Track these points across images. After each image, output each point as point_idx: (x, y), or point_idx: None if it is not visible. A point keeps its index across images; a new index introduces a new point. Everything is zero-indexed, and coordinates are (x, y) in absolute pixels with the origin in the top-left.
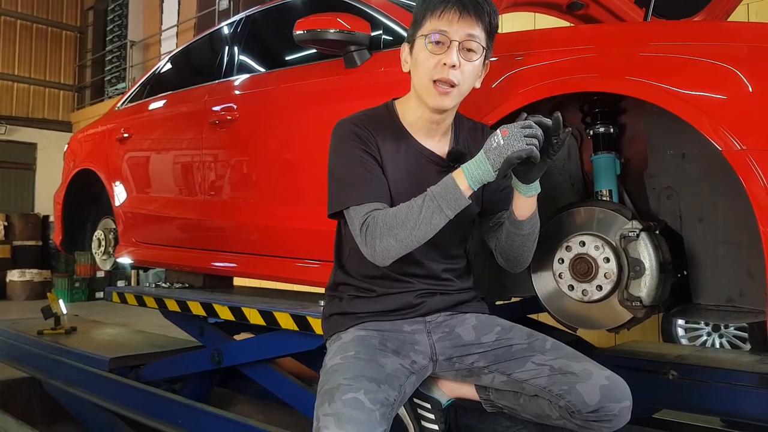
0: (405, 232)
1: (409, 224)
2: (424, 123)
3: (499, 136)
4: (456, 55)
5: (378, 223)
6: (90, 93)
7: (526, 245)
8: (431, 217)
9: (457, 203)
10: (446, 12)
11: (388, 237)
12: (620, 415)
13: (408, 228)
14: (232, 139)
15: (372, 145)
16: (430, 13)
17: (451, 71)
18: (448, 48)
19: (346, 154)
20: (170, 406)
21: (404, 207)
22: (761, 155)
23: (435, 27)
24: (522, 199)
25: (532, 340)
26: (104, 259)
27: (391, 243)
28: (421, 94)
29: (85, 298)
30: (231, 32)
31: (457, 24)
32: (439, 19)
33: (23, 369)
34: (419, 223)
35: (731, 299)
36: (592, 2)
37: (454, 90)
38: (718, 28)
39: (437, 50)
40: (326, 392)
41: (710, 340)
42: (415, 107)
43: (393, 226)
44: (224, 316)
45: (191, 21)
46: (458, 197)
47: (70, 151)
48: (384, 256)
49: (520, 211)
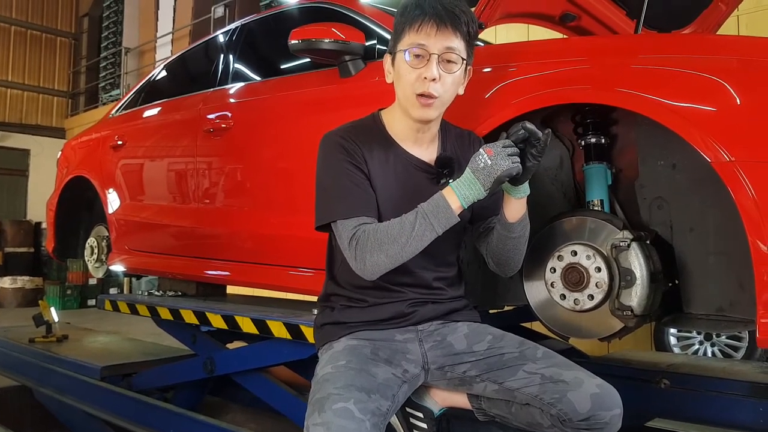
0: (396, 248)
1: (400, 240)
2: (410, 132)
3: (485, 156)
4: (435, 68)
5: (368, 238)
6: (84, 99)
7: (517, 248)
8: (423, 234)
9: (448, 221)
10: (424, 26)
11: (379, 252)
12: (611, 423)
13: (399, 244)
14: (227, 147)
15: (359, 157)
16: (408, 26)
17: (431, 84)
18: (428, 61)
19: (333, 167)
20: (162, 414)
21: (396, 223)
22: (749, 166)
23: (413, 41)
24: (512, 201)
25: (524, 348)
26: (97, 266)
27: (382, 258)
28: (405, 105)
29: (77, 305)
30: (226, 41)
31: (435, 37)
32: (417, 32)
33: (14, 377)
34: (411, 239)
35: (722, 309)
36: (584, 14)
37: (436, 101)
38: (708, 40)
39: (417, 64)
40: (316, 402)
41: (702, 349)
42: (401, 117)
43: (384, 242)
44: (217, 324)
45: (186, 28)
46: (450, 216)
47: (64, 157)
48: (373, 271)
49: (511, 213)
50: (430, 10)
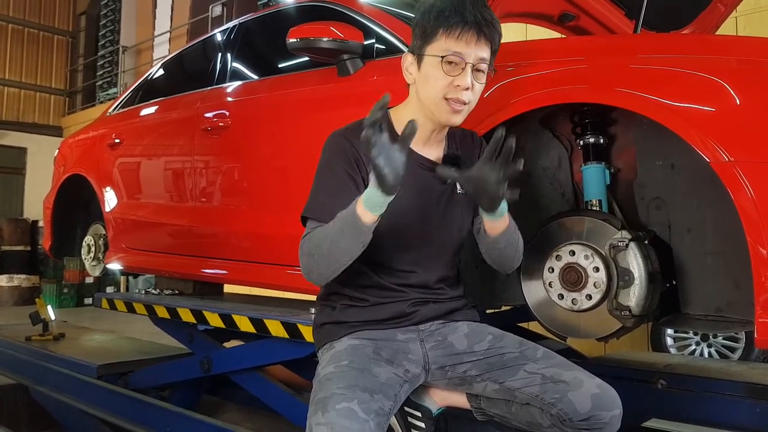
0: (321, 256)
1: (323, 246)
2: (424, 132)
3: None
4: (470, 77)
5: (307, 242)
6: (81, 98)
7: (507, 254)
8: (337, 240)
9: (355, 225)
10: (464, 34)
11: (309, 258)
12: (611, 423)
13: (322, 251)
14: (224, 145)
15: (361, 164)
16: (445, 31)
17: (463, 92)
18: (463, 70)
19: (328, 169)
20: (158, 413)
21: (321, 229)
22: (748, 167)
23: (450, 47)
24: (488, 222)
25: (524, 348)
26: (94, 265)
27: (312, 264)
28: (431, 108)
29: (73, 304)
30: (224, 39)
31: (473, 47)
32: (457, 39)
33: (10, 376)
34: (330, 247)
35: (719, 309)
36: (582, 14)
37: (465, 107)
38: (707, 41)
39: (451, 71)
40: (319, 401)
41: (699, 350)
42: (417, 117)
43: (313, 248)
44: (214, 323)
45: (184, 27)
46: (355, 221)
47: (61, 156)
48: (310, 278)
49: (490, 231)
50: (471, 18)
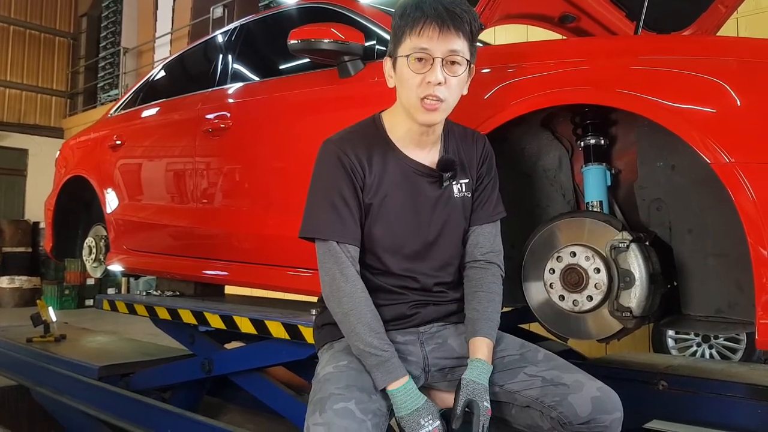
0: (339, 317)
1: (343, 319)
2: (413, 135)
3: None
4: (440, 71)
5: (336, 289)
6: (82, 99)
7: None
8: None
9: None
10: (425, 29)
11: (335, 305)
12: (611, 426)
13: (339, 316)
14: (225, 147)
15: (357, 173)
16: (409, 30)
17: (436, 88)
18: (432, 65)
19: (327, 182)
20: (160, 414)
21: (354, 317)
22: (749, 168)
23: (415, 44)
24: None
25: (525, 351)
26: (95, 266)
27: (335, 309)
28: (409, 110)
29: (74, 305)
30: (225, 41)
31: (437, 40)
32: (419, 36)
33: (11, 377)
34: (348, 331)
35: (720, 310)
36: (583, 15)
37: (441, 105)
38: (708, 42)
39: (420, 68)
40: (317, 401)
41: (700, 351)
42: (404, 120)
43: (337, 308)
44: (215, 324)
45: (185, 29)
46: (384, 376)
47: (62, 157)
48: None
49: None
50: (430, 11)
